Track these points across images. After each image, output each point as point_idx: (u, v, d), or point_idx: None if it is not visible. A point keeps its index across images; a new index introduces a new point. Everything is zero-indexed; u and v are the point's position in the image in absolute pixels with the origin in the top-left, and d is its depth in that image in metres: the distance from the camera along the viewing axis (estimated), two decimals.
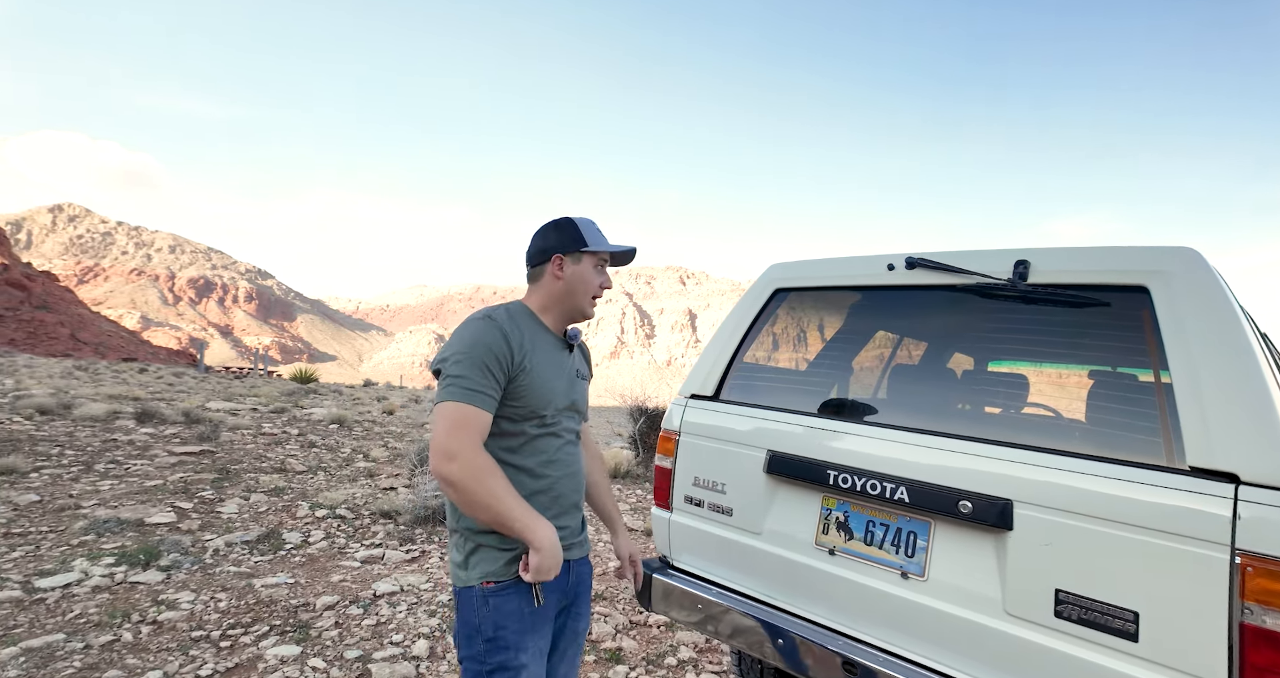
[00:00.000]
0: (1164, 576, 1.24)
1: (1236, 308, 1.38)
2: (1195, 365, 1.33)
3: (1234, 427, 1.25)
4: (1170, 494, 1.27)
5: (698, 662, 3.11)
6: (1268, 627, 1.14)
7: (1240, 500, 1.20)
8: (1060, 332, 1.70)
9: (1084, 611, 1.34)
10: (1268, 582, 1.14)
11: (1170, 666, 1.23)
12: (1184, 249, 1.45)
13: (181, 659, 2.66)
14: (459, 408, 1.31)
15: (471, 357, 1.34)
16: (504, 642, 1.35)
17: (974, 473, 1.54)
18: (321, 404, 12.81)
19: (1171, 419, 1.35)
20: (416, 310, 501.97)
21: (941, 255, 1.84)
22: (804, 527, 1.88)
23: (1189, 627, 1.21)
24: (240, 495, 5.22)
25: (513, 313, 1.48)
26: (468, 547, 1.40)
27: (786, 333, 2.61)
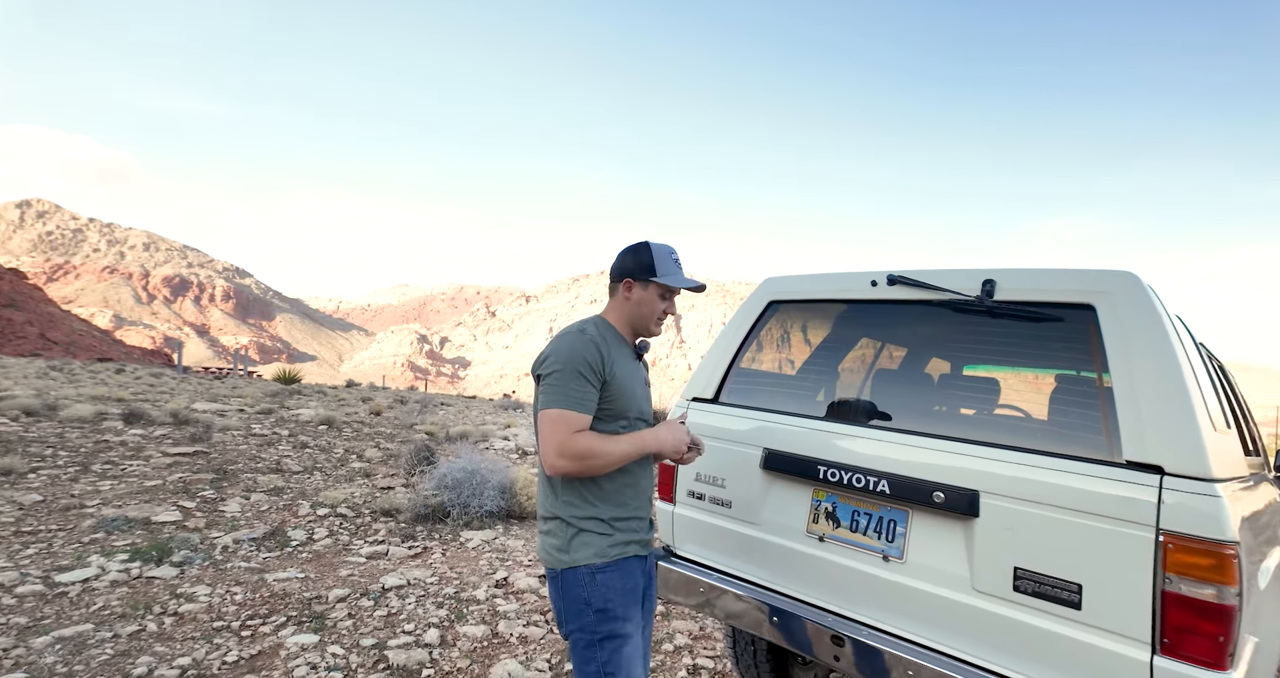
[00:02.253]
0: (1102, 553, 1.47)
1: (1168, 324, 1.62)
2: (1131, 374, 1.57)
3: (1161, 427, 1.48)
4: (1110, 484, 1.50)
5: (692, 648, 3.32)
6: (1184, 593, 1.37)
7: (1164, 489, 1.43)
8: (1021, 343, 1.93)
9: (1038, 585, 1.56)
10: (1184, 556, 1.37)
11: (1106, 629, 1.46)
12: (1125, 273, 1.69)
13: (207, 647, 2.80)
14: (561, 413, 1.52)
15: (570, 367, 1.54)
16: (613, 613, 1.56)
17: (946, 468, 1.76)
18: (308, 405, 12.80)
19: (1112, 421, 1.58)
20: (399, 310, 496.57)
21: (919, 273, 2.06)
22: (796, 517, 2.09)
23: (1122, 596, 1.44)
24: (241, 495, 5.31)
25: (600, 326, 1.69)
26: (569, 532, 1.60)
27: (780, 341, 2.83)
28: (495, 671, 2.82)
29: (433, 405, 16.46)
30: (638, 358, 1.79)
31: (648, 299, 1.71)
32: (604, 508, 1.62)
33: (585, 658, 1.55)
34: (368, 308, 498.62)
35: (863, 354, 2.59)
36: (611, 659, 1.53)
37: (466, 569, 4.16)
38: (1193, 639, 1.35)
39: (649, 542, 1.75)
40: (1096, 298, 1.69)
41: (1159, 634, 1.39)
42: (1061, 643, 1.52)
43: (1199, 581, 1.36)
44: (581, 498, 1.61)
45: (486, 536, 4.91)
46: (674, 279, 1.71)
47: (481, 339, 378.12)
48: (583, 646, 1.55)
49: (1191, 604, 1.36)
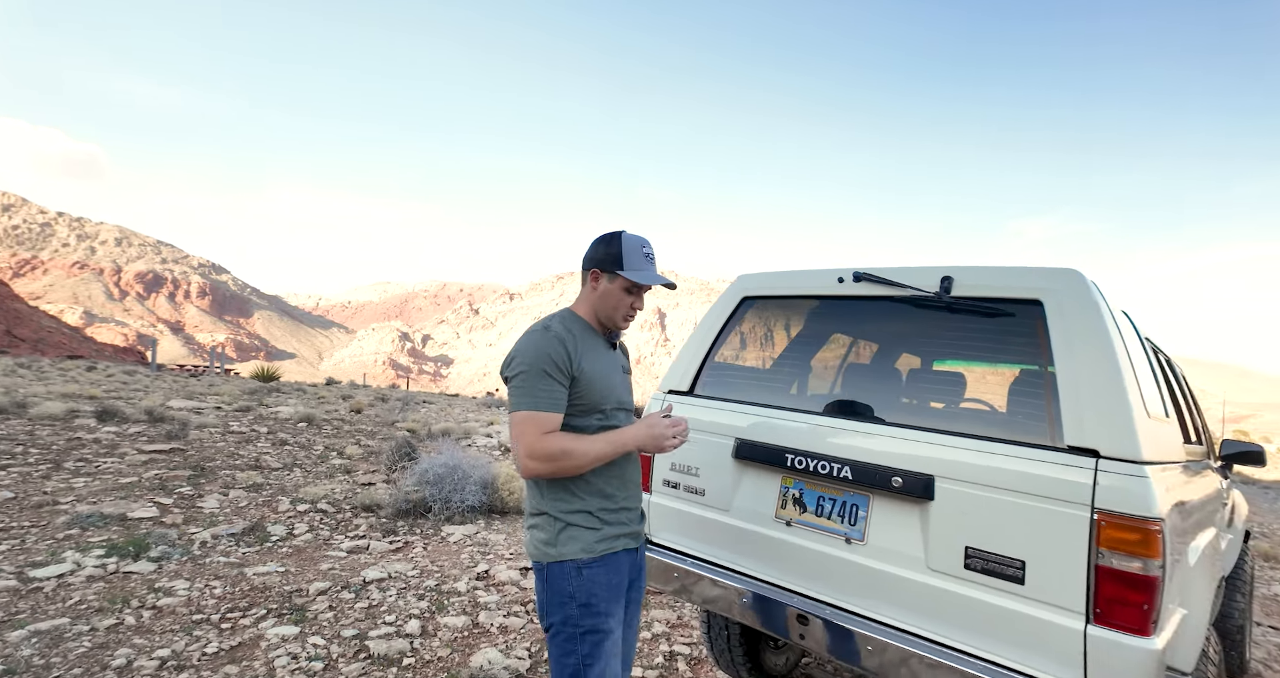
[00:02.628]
0: (1044, 531, 1.58)
1: (1108, 318, 1.73)
2: (1073, 365, 1.68)
3: (1098, 414, 1.59)
4: (1052, 468, 1.61)
5: (670, 635, 3.40)
6: (1115, 567, 1.48)
7: (1099, 471, 1.54)
8: (977, 337, 2.04)
9: (986, 562, 1.66)
10: (1116, 532, 1.48)
11: (1046, 602, 1.56)
12: (1070, 270, 1.80)
13: (187, 640, 2.82)
14: (529, 414, 1.51)
15: (535, 367, 1.53)
16: (596, 608, 1.56)
17: (905, 455, 1.86)
18: (287, 403, 12.66)
19: (1055, 409, 1.69)
20: (380, 307, 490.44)
21: (883, 271, 2.16)
22: (766, 503, 2.18)
23: (1060, 570, 1.54)
24: (219, 492, 5.28)
25: (565, 320, 1.66)
26: (556, 527, 1.59)
27: (753, 335, 2.92)
28: (475, 659, 2.88)
29: (414, 403, 16.36)
30: (613, 346, 1.76)
31: (613, 292, 1.66)
32: (591, 501, 1.62)
33: (566, 650, 1.56)
34: (348, 305, 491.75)
35: (832, 348, 2.69)
36: (591, 653, 1.55)
37: (448, 563, 4.19)
38: (1121, 609, 1.46)
39: (639, 533, 1.75)
40: (1044, 294, 1.80)
41: (1092, 605, 1.50)
42: (1006, 616, 1.62)
43: (1128, 555, 1.47)
44: (568, 492, 1.61)
45: (468, 530, 4.94)
46: (640, 275, 1.65)
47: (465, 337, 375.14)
48: (564, 638, 1.56)
49: (1121, 577, 1.47)
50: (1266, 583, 5.78)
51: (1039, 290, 1.81)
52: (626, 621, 1.76)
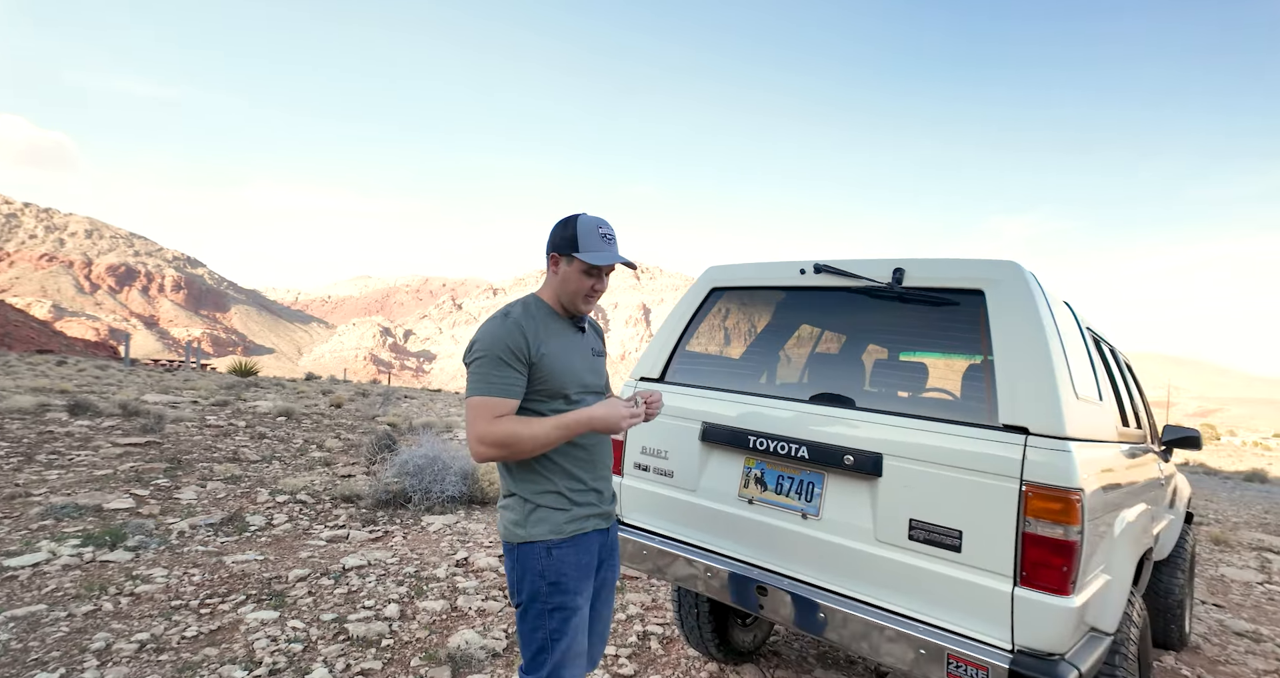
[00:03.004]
0: (978, 503, 1.70)
1: (1042, 307, 1.86)
2: (1008, 349, 1.81)
3: (1028, 394, 1.72)
4: (987, 444, 1.74)
5: (644, 616, 3.51)
6: (1039, 533, 1.61)
7: (1028, 447, 1.67)
8: (928, 325, 2.17)
9: (927, 533, 1.79)
10: (1041, 502, 1.61)
11: (979, 567, 1.69)
12: (1009, 262, 1.93)
13: (165, 624, 2.86)
14: (480, 400, 1.53)
15: (490, 353, 1.55)
16: (565, 587, 1.61)
17: (856, 436, 1.98)
18: (265, 398, 12.55)
19: (993, 390, 1.82)
20: (360, 302, 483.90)
21: (841, 262, 2.27)
22: (730, 483, 2.29)
23: (992, 538, 1.67)
24: (196, 483, 5.28)
25: (527, 306, 1.67)
26: (526, 509, 1.63)
27: (721, 324, 3.03)
28: (453, 640, 2.96)
29: (396, 399, 16.29)
30: (579, 330, 1.77)
31: (572, 275, 1.65)
32: (560, 482, 1.65)
33: (534, 626, 1.61)
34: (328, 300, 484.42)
35: (796, 337, 2.81)
36: (559, 628, 1.60)
37: (427, 551, 4.26)
38: (1044, 571, 1.60)
39: (610, 513, 1.78)
40: (985, 284, 1.93)
41: (1019, 569, 1.63)
42: (945, 582, 1.75)
43: (1051, 522, 1.60)
44: (537, 474, 1.64)
45: (448, 520, 5.00)
46: (596, 256, 1.63)
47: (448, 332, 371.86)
48: (533, 615, 1.61)
49: (1044, 542, 1.60)
50: (1215, 565, 6.06)
51: (981, 281, 1.93)
52: (602, 597, 1.82)
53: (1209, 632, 4.13)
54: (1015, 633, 1.63)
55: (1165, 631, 3.59)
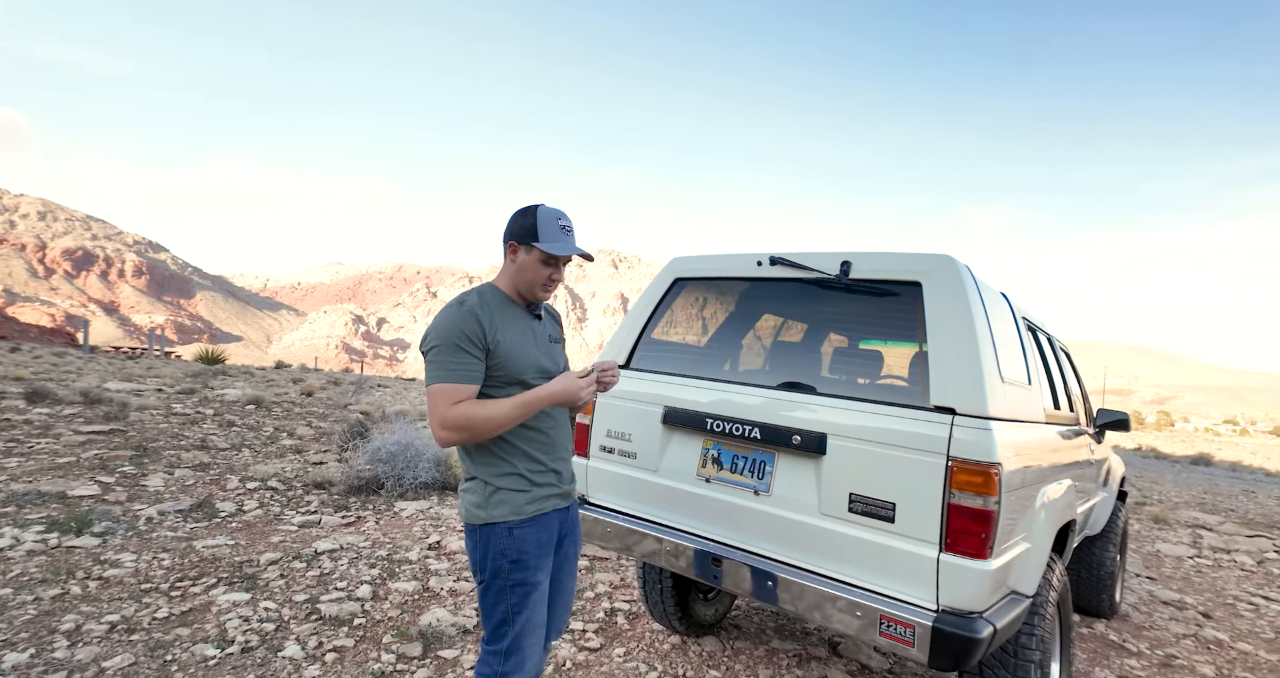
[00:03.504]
0: (909, 476, 1.86)
1: (973, 297, 2.01)
2: (940, 336, 1.95)
3: (955, 378, 1.87)
4: (919, 424, 1.89)
5: (611, 594, 3.65)
6: (962, 504, 1.77)
7: (955, 426, 1.82)
8: (874, 314, 2.31)
9: (865, 505, 1.94)
10: (964, 476, 1.77)
11: (911, 536, 1.85)
12: (943, 255, 2.07)
13: (136, 606, 2.90)
14: (439, 387, 1.58)
15: (447, 341, 1.59)
16: (526, 564, 1.68)
17: (803, 416, 2.12)
18: (234, 386, 12.34)
19: (926, 374, 1.97)
20: (331, 289, 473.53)
21: (795, 255, 2.40)
22: (689, 463, 2.41)
23: (922, 509, 1.83)
24: (164, 471, 5.24)
25: (483, 294, 1.70)
26: (487, 491, 1.68)
27: (685, 313, 3.15)
28: (425, 618, 3.05)
29: (369, 387, 16.13)
30: (537, 317, 1.81)
31: (530, 264, 1.70)
32: (520, 464, 1.70)
33: (496, 601, 1.67)
34: (298, 286, 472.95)
35: (755, 326, 2.94)
36: (520, 602, 1.67)
37: (400, 535, 4.33)
38: (965, 538, 1.76)
39: (570, 493, 1.86)
40: (922, 276, 2.07)
41: (944, 536, 1.79)
42: (880, 550, 1.90)
43: (973, 494, 1.76)
44: (496, 457, 1.68)
45: (421, 505, 5.07)
46: (555, 246, 1.67)
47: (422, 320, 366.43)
48: (495, 591, 1.67)
49: (967, 512, 1.76)
50: (1152, 541, 6.45)
51: (918, 273, 2.08)
52: (565, 571, 1.90)
53: (1139, 602, 4.44)
54: (940, 594, 1.79)
55: (1097, 600, 3.86)
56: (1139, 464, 17.61)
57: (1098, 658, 3.41)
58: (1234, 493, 11.62)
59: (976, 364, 1.87)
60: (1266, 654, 3.68)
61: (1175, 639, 3.78)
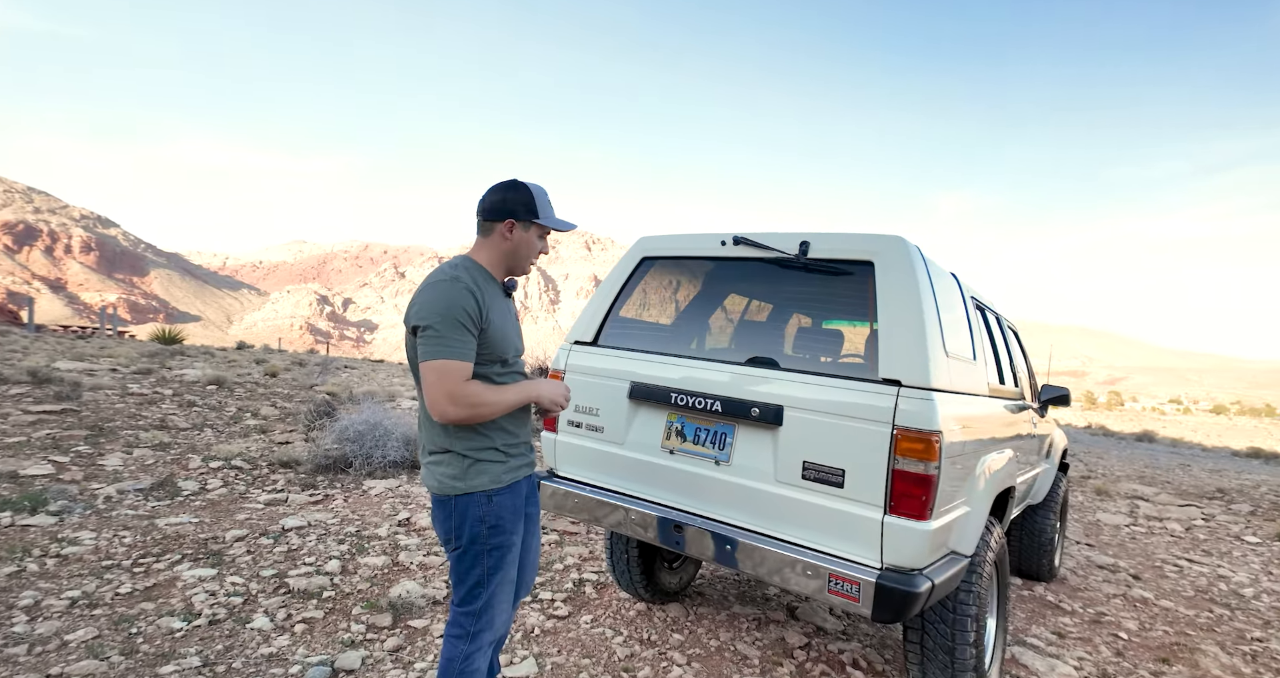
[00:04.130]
0: (858, 445, 1.97)
1: (921, 276, 2.11)
2: (890, 312, 2.06)
3: (902, 352, 1.98)
4: (868, 396, 2.00)
5: (580, 566, 3.74)
6: (905, 469, 1.89)
7: (900, 397, 1.93)
8: (832, 292, 2.40)
9: (818, 472, 2.05)
10: (907, 443, 1.89)
11: (858, 500, 1.96)
12: (894, 236, 2.17)
13: (97, 583, 2.87)
14: (446, 363, 1.59)
15: (449, 317, 1.60)
16: (503, 529, 1.76)
17: (761, 390, 2.21)
18: (193, 366, 11.99)
19: (876, 349, 2.07)
20: (295, 268, 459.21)
21: (757, 235, 2.47)
22: (654, 435, 2.49)
23: (869, 475, 1.94)
24: (122, 451, 5.13)
25: (470, 272, 1.71)
26: (465, 463, 1.72)
27: (659, 295, 3.21)
28: (394, 590, 3.10)
29: (335, 368, 15.84)
30: (507, 295, 1.86)
31: (528, 240, 1.76)
32: (497, 438, 1.76)
33: (472, 564, 1.74)
34: (259, 265, 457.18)
35: (718, 304, 3.01)
36: (496, 564, 1.75)
37: (369, 512, 4.34)
38: (907, 500, 1.88)
39: (533, 462, 1.97)
40: (875, 256, 2.16)
41: (889, 499, 1.91)
42: (831, 514, 2.02)
43: (915, 460, 1.88)
44: (476, 432, 1.73)
45: (390, 484, 5.08)
46: (558, 221, 1.79)
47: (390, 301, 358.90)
48: (472, 555, 1.73)
49: (909, 477, 1.88)
50: (1094, 511, 6.85)
51: (871, 253, 2.17)
52: (530, 531, 1.99)
53: (1076, 566, 4.74)
54: (884, 553, 1.92)
55: (1038, 565, 4.12)
56: (1087, 441, 18.51)
57: (1035, 617, 3.66)
58: (1172, 467, 12.34)
59: (922, 339, 1.98)
60: (1185, 610, 4.00)
61: (1106, 599, 4.07)
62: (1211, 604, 4.16)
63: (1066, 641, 3.36)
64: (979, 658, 2.25)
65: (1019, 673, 2.89)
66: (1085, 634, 3.46)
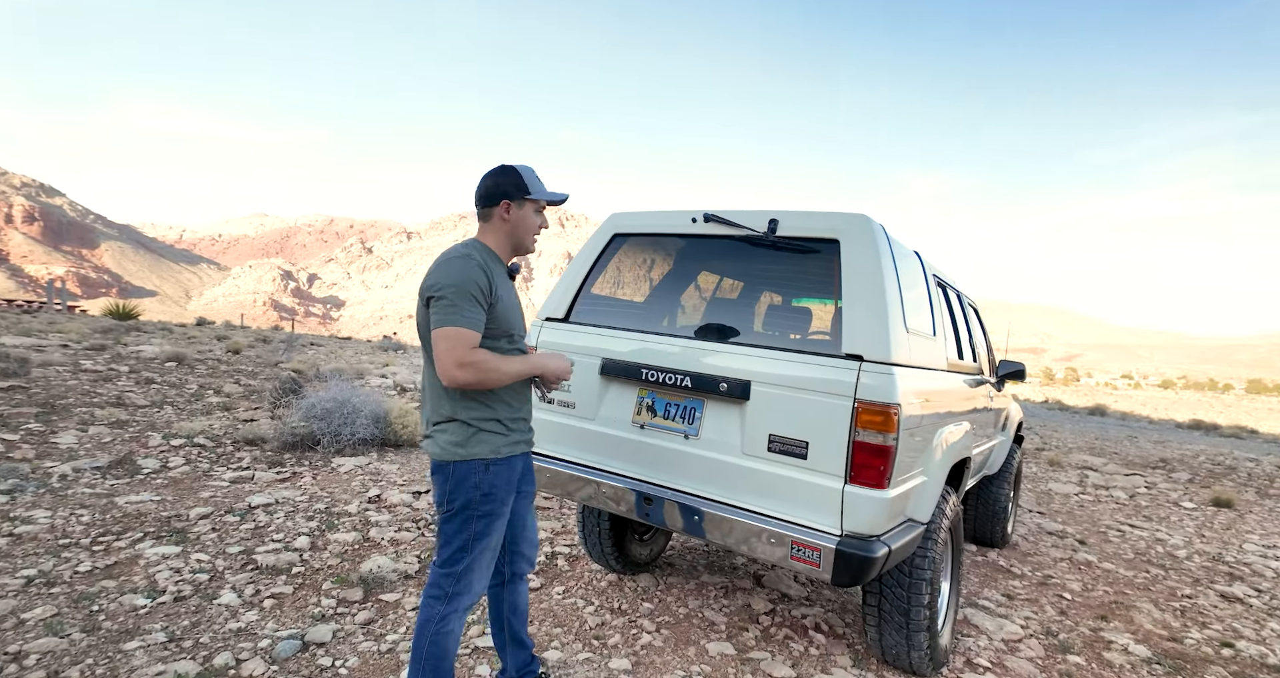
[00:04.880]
0: (821, 418, 2.03)
1: (885, 254, 2.15)
2: (854, 289, 2.10)
3: (865, 328, 2.04)
4: (832, 371, 2.05)
5: (553, 540, 3.80)
6: (865, 441, 1.96)
7: (861, 371, 1.99)
8: (800, 269, 2.44)
9: (783, 445, 2.10)
10: (868, 415, 1.95)
11: (821, 470, 2.03)
12: (859, 215, 2.20)
13: (55, 561, 2.81)
14: (458, 330, 1.68)
15: (463, 289, 1.70)
16: (495, 498, 1.84)
17: (730, 366, 2.25)
18: (150, 342, 11.58)
19: (841, 325, 2.12)
20: (256, 243, 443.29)
21: (727, 213, 2.48)
22: (625, 411, 2.52)
23: (830, 446, 2.01)
24: (76, 428, 4.97)
25: (481, 252, 1.83)
26: (468, 432, 1.81)
27: (632, 273, 3.20)
28: (365, 565, 3.10)
29: (300, 345, 15.48)
30: (510, 278, 1.97)
31: (526, 217, 1.88)
32: (499, 410, 1.85)
33: (460, 528, 1.82)
34: (219, 239, 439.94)
35: (690, 281, 3.03)
36: (484, 531, 1.84)
37: (338, 489, 4.31)
38: (867, 470, 1.95)
39: (531, 441, 2.04)
40: (840, 234, 2.20)
41: (849, 470, 1.98)
42: (794, 485, 2.08)
43: (875, 432, 1.94)
44: (480, 403, 1.82)
45: (360, 461, 5.03)
46: (548, 194, 1.90)
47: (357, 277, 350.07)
48: (462, 519, 1.81)
49: (869, 448, 1.95)
50: (1046, 482, 7.19)
51: (837, 231, 2.20)
52: (526, 507, 2.09)
53: (1028, 533, 4.99)
54: (844, 521, 2.00)
55: (991, 532, 4.32)
56: (1044, 415, 19.30)
57: (988, 580, 3.86)
58: (1120, 439, 12.99)
59: (884, 315, 2.03)
60: (1124, 571, 4.26)
61: (1053, 563, 4.31)
62: (1148, 565, 4.44)
63: (1015, 602, 3.55)
64: (932, 619, 2.37)
65: (969, 633, 3.05)
66: (1033, 596, 3.67)
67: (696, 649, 2.63)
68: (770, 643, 2.75)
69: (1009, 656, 2.84)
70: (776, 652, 2.66)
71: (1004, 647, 2.93)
